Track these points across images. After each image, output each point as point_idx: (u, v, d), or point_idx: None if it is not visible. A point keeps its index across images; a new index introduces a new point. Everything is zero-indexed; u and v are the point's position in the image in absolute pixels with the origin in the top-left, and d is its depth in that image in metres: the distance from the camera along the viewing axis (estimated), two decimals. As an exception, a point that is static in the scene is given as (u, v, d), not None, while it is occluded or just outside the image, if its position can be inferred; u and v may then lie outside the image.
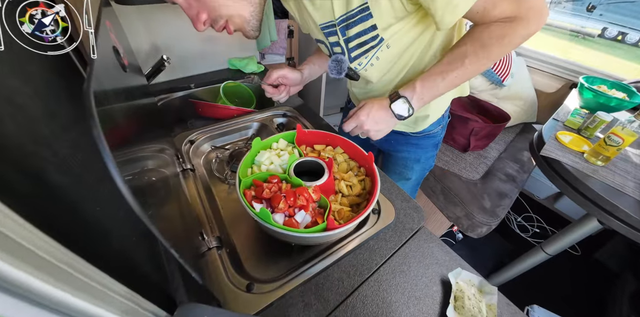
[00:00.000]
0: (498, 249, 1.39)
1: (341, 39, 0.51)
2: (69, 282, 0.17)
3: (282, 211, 0.41)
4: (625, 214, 0.69)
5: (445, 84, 0.47)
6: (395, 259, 0.47)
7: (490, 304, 0.41)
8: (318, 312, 0.39)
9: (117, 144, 0.24)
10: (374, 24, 0.46)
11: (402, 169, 0.80)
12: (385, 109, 0.50)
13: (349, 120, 0.52)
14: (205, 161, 0.68)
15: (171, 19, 0.83)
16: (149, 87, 0.74)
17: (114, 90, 0.27)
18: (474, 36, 0.43)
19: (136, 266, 0.29)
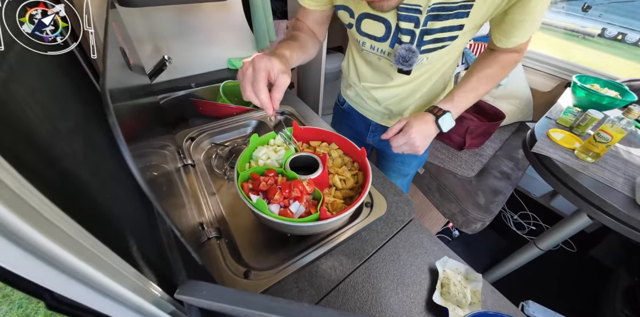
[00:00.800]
0: (494, 247, 1.41)
1: (419, 29, 0.46)
2: (94, 260, 0.20)
3: (277, 202, 0.44)
4: (614, 209, 0.71)
5: (472, 100, 0.53)
6: (386, 249, 0.49)
7: (475, 290, 0.44)
8: (311, 297, 0.41)
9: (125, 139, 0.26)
10: (463, 23, 0.44)
11: (400, 166, 0.82)
12: (431, 124, 0.50)
13: (397, 137, 0.49)
14: (205, 157, 0.70)
15: (172, 20, 0.86)
16: (152, 86, 0.77)
17: (122, 88, 0.29)
18: (497, 60, 0.52)
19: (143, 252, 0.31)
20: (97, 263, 0.20)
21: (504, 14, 0.44)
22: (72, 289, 0.19)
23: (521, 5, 0.42)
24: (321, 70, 1.54)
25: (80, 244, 0.18)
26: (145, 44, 0.85)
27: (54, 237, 0.16)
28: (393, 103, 0.66)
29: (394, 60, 0.50)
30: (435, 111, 0.50)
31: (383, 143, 0.80)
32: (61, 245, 0.17)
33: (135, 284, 0.25)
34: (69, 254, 0.17)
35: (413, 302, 0.42)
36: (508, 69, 0.54)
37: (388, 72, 0.58)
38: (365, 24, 0.52)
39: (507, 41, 0.49)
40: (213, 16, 0.92)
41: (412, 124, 0.49)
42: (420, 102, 0.66)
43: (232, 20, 0.97)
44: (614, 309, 0.99)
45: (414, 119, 0.50)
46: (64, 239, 0.17)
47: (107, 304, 0.22)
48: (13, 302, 1.10)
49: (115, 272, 0.23)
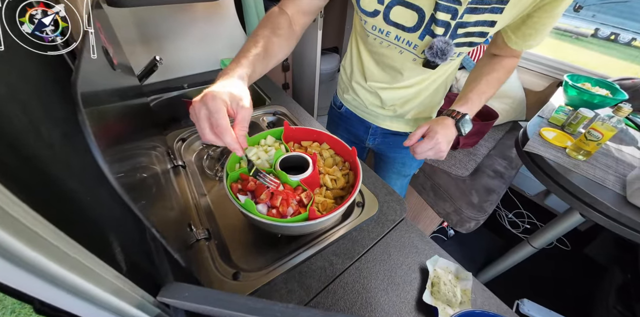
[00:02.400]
0: (490, 245, 1.42)
1: (455, 21, 0.44)
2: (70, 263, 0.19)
3: (264, 202, 0.43)
4: (605, 206, 0.71)
5: (483, 103, 0.54)
6: (376, 249, 0.49)
7: (465, 289, 0.44)
8: (300, 297, 0.41)
9: (108, 142, 0.26)
10: (496, 20, 0.43)
11: (400, 167, 0.82)
12: (452, 128, 0.50)
13: (423, 143, 0.48)
14: (197, 158, 0.70)
15: (164, 21, 0.85)
16: (142, 88, 0.77)
17: (105, 89, 0.29)
18: (502, 65, 0.55)
19: (128, 254, 0.31)
20: (73, 265, 0.20)
21: (527, 17, 0.45)
22: (48, 293, 0.19)
23: (550, 8, 0.42)
24: (316, 71, 1.54)
25: (54, 246, 0.18)
26: (136, 45, 0.84)
27: (23, 238, 0.15)
28: (399, 104, 0.65)
29: (429, 54, 0.46)
30: (454, 115, 0.50)
31: (383, 146, 0.79)
32: (33, 246, 0.16)
33: (117, 286, 0.25)
34: (41, 256, 0.17)
35: (403, 302, 0.42)
36: (510, 74, 0.56)
37: (402, 68, 0.55)
38: (395, 11, 0.47)
39: (523, 44, 0.49)
40: (205, 16, 0.91)
41: (435, 129, 0.48)
42: (423, 105, 0.66)
43: (225, 21, 0.97)
44: (608, 306, 1.00)
45: (435, 124, 0.49)
46: (35, 240, 0.16)
47: (87, 308, 0.22)
48: (6, 307, 1.09)
49: (94, 274, 0.22)
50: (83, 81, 0.20)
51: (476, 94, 0.53)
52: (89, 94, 0.23)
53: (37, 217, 0.17)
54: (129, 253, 0.32)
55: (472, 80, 0.56)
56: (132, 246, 0.34)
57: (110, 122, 0.30)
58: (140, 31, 0.83)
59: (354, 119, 0.77)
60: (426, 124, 0.50)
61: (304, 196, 0.46)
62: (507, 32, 0.50)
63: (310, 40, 1.46)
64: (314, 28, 1.39)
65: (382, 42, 0.53)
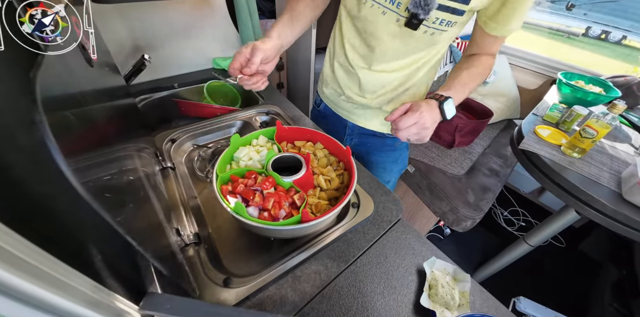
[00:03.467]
0: (486, 244, 1.42)
1: None
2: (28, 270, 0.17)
3: (256, 205, 0.42)
4: (601, 204, 0.71)
5: (465, 95, 0.54)
6: (372, 251, 0.48)
7: (463, 291, 0.43)
8: (294, 303, 0.40)
9: (80, 146, 0.24)
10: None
11: (381, 172, 0.81)
12: (436, 109, 0.48)
13: (406, 117, 0.46)
14: (187, 159, 0.68)
15: (152, 18, 0.83)
16: (129, 88, 0.74)
17: (80, 89, 0.27)
18: (480, 61, 0.56)
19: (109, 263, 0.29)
20: (36, 275, 0.18)
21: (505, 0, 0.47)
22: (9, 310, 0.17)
23: None
24: (310, 71, 1.53)
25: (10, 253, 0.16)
26: (124, 44, 0.82)
27: None
28: (378, 93, 0.64)
29: (412, 4, 0.46)
30: (437, 97, 0.50)
31: (362, 147, 0.78)
32: None
33: (92, 298, 0.23)
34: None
35: (400, 306, 0.41)
36: (488, 71, 0.57)
37: (382, 37, 0.55)
38: None
39: (502, 28, 0.50)
40: (195, 14, 0.89)
41: (420, 104, 0.47)
42: (404, 96, 0.65)
43: (216, 19, 0.95)
44: (603, 303, 1.01)
45: (420, 101, 0.48)
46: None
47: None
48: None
49: (63, 285, 0.20)
50: (48, 79, 0.18)
51: (458, 84, 0.53)
52: (55, 92, 0.21)
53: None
54: (111, 261, 0.30)
55: (453, 74, 0.57)
56: (115, 254, 0.32)
57: (85, 124, 0.28)
58: (127, 29, 0.80)
59: (331, 116, 0.77)
60: (409, 102, 0.49)
61: (296, 197, 0.44)
62: (485, 22, 0.51)
63: (304, 40, 1.44)
64: (307, 26, 1.37)
65: (365, 2, 0.53)
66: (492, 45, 0.56)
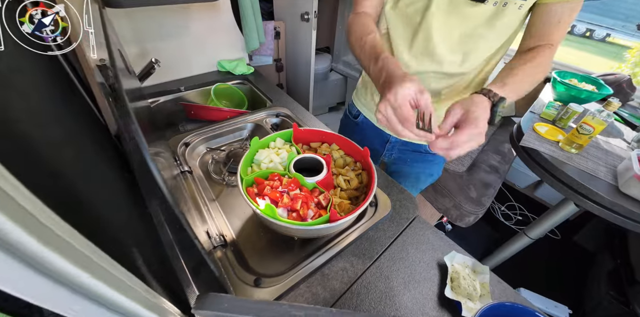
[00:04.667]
0: (485, 238, 1.46)
1: None
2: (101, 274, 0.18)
3: (286, 206, 0.43)
4: (599, 196, 0.75)
5: (519, 94, 0.44)
6: (394, 247, 0.49)
7: (483, 282, 0.45)
8: (325, 300, 0.41)
9: None
10: None
11: (414, 181, 0.77)
12: (489, 112, 0.39)
13: (464, 134, 0.36)
14: (201, 162, 0.68)
15: (159, 22, 0.82)
16: (143, 90, 0.74)
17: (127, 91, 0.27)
18: (540, 56, 0.47)
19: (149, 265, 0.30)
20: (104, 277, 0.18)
21: None
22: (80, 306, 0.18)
23: None
24: (310, 71, 1.54)
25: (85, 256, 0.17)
26: (132, 47, 0.81)
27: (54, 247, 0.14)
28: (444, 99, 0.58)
29: None
30: (490, 95, 0.40)
31: (400, 160, 0.74)
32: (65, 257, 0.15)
33: (148, 300, 0.24)
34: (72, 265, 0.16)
35: (425, 298, 0.43)
36: (547, 68, 0.48)
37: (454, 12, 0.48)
38: None
39: None
40: (201, 17, 0.89)
41: (476, 112, 0.37)
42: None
43: (221, 22, 0.95)
44: (600, 291, 1.05)
45: (472, 105, 0.38)
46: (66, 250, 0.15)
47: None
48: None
49: (126, 287, 0.21)
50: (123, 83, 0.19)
51: (513, 81, 0.43)
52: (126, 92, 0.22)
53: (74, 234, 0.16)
54: (150, 265, 0.31)
55: (505, 69, 0.47)
56: (152, 257, 0.33)
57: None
58: (134, 32, 0.80)
59: (370, 131, 0.71)
60: (457, 106, 0.39)
61: (322, 198, 0.46)
62: None
63: (304, 40, 1.45)
64: (308, 28, 1.38)
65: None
66: (555, 31, 0.47)
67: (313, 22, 1.35)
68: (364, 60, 0.47)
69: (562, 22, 0.46)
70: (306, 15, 1.35)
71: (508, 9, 0.46)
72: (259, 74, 1.03)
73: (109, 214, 0.27)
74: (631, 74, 1.29)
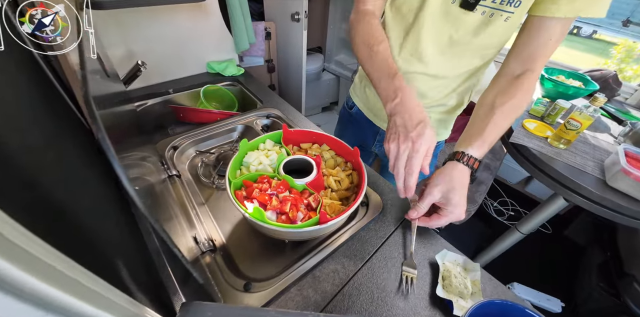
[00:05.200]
0: (477, 235, 1.48)
1: None
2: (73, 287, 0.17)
3: (275, 209, 0.42)
4: (587, 190, 0.76)
5: (497, 140, 0.46)
6: (385, 247, 0.49)
7: (475, 279, 0.45)
8: (317, 303, 0.41)
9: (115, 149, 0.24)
10: None
11: None
12: (468, 178, 0.42)
13: (441, 220, 0.42)
14: (190, 166, 0.67)
15: (145, 23, 0.81)
16: (128, 93, 0.73)
17: (101, 96, 0.27)
18: (523, 88, 0.46)
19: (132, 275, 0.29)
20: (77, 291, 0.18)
21: None
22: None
23: None
24: (302, 71, 1.53)
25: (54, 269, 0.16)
26: (118, 49, 0.79)
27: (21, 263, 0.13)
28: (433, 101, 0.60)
29: None
30: (471, 163, 0.42)
31: None
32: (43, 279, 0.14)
33: (128, 310, 0.23)
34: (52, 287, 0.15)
35: (417, 298, 0.43)
36: (529, 96, 0.47)
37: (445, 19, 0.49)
38: None
39: (567, 7, 0.40)
40: (189, 19, 0.88)
41: (453, 198, 0.40)
42: (443, 109, 0.64)
43: (210, 23, 0.94)
44: (591, 283, 1.07)
45: (448, 183, 0.40)
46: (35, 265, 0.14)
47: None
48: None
49: (103, 300, 0.20)
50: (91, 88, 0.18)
51: (494, 132, 0.44)
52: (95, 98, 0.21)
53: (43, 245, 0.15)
54: (134, 274, 0.30)
55: (484, 110, 0.47)
56: (136, 266, 0.32)
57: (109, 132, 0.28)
58: (120, 34, 0.78)
59: (362, 122, 0.75)
60: (435, 189, 0.41)
61: (311, 199, 0.45)
62: (546, 4, 0.42)
63: (295, 41, 1.45)
64: (299, 28, 1.38)
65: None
66: (542, 52, 0.45)
67: (303, 22, 1.34)
68: (372, 71, 0.47)
69: (552, 41, 0.45)
70: (296, 16, 1.34)
71: (494, 19, 0.46)
72: (249, 75, 1.02)
73: (89, 221, 0.26)
74: (617, 70, 1.32)
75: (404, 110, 0.40)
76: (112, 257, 0.27)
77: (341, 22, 1.91)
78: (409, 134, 0.38)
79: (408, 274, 0.44)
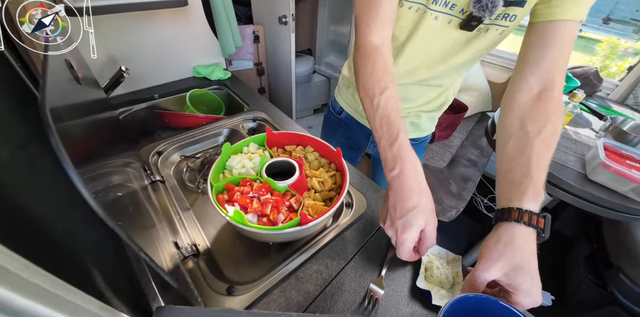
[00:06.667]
0: (469, 231, 1.50)
1: None
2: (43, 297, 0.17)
3: (255, 211, 0.43)
4: (569, 185, 0.78)
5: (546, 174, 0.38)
6: (369, 246, 0.50)
7: (457, 271, 0.46)
8: (299, 304, 0.41)
9: (79, 161, 0.24)
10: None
11: None
12: (534, 241, 0.34)
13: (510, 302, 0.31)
14: (175, 171, 0.67)
15: (127, 29, 0.81)
16: (109, 100, 0.72)
17: (70, 105, 0.27)
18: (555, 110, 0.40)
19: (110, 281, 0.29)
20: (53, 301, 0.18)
21: None
22: None
23: None
24: (292, 74, 1.54)
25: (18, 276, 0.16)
26: (100, 55, 0.79)
27: None
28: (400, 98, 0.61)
29: (477, 7, 0.41)
30: (533, 221, 0.34)
31: None
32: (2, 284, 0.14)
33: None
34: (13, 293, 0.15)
35: (398, 294, 0.43)
36: (560, 115, 0.41)
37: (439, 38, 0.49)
38: None
39: (574, 9, 0.38)
40: (173, 23, 0.88)
41: (518, 272, 0.32)
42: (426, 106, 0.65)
43: (194, 27, 0.94)
44: (579, 275, 1.09)
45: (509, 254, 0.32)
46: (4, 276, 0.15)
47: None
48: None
49: (71, 306, 0.20)
50: (50, 97, 0.18)
51: (539, 168, 0.36)
52: (57, 110, 0.22)
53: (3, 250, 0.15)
54: (111, 280, 0.30)
55: (517, 141, 0.40)
56: (114, 272, 0.32)
57: (80, 140, 0.28)
58: (102, 40, 0.78)
59: (353, 125, 0.74)
60: (491, 262, 0.32)
61: (293, 201, 0.46)
62: (550, 7, 0.40)
63: (283, 44, 1.45)
64: (286, 31, 1.38)
65: (418, 10, 0.47)
66: (562, 58, 0.41)
67: (291, 25, 1.35)
68: (373, 128, 0.43)
69: (569, 45, 0.41)
70: (284, 19, 1.35)
71: (489, 33, 0.47)
72: (236, 78, 1.02)
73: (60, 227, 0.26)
74: (602, 67, 1.35)
75: (399, 187, 0.37)
76: (86, 264, 0.27)
77: (330, 24, 1.93)
78: (395, 221, 0.37)
79: (374, 294, 0.42)
